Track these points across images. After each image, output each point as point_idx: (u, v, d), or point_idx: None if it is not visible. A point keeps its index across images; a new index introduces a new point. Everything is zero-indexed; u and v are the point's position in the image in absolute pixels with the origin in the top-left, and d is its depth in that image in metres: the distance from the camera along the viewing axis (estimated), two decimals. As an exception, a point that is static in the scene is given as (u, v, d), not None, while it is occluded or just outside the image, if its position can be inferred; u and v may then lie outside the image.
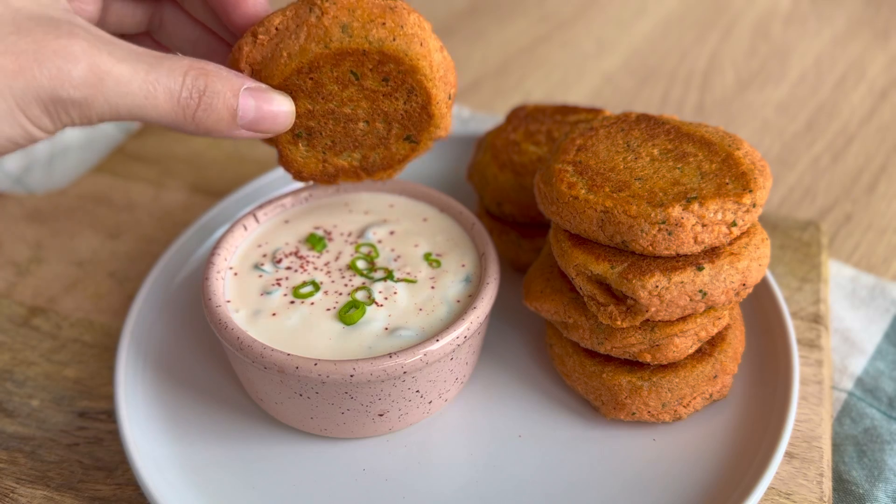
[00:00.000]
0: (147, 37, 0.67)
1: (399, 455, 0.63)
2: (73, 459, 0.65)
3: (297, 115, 0.60)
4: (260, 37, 0.58)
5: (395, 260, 0.66)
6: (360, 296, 0.63)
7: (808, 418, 0.65)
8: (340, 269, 0.65)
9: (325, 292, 0.63)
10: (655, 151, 0.61)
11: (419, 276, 0.64)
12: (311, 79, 0.58)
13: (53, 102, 0.47)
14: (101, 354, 0.75)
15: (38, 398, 0.71)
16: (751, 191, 0.56)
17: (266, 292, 0.63)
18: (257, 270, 0.66)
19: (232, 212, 0.82)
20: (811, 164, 0.97)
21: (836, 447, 0.66)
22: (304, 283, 0.64)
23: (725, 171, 0.58)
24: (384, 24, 0.56)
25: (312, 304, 0.62)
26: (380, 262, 0.66)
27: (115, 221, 0.89)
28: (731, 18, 1.27)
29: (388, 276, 0.64)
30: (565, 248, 0.60)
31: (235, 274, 0.66)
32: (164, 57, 0.52)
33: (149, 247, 0.86)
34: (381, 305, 0.62)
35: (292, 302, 0.62)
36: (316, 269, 0.65)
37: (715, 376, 0.62)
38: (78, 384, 0.72)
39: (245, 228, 0.69)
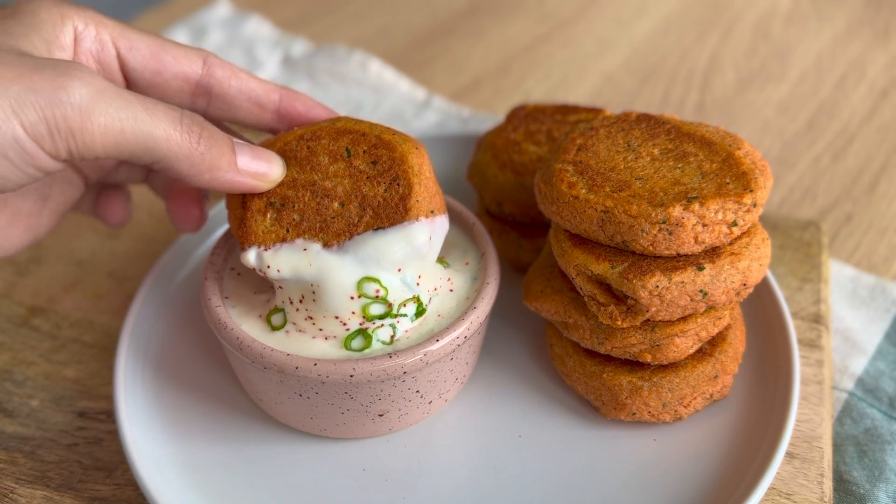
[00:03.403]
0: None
1: (399, 455, 0.63)
2: (72, 459, 0.65)
3: (281, 183, 0.60)
4: (280, 134, 0.63)
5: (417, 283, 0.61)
6: (382, 334, 0.59)
7: (808, 418, 0.65)
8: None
9: (321, 328, 0.60)
10: (656, 151, 0.61)
11: (440, 284, 0.63)
12: (308, 147, 0.61)
13: (51, 105, 0.46)
14: (101, 354, 0.75)
15: (38, 398, 0.71)
16: (751, 190, 0.56)
17: (259, 291, 0.64)
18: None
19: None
20: (811, 164, 0.97)
21: (837, 447, 0.66)
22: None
23: (726, 170, 0.58)
24: (389, 128, 0.63)
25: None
26: (398, 294, 0.59)
27: (115, 221, 0.89)
28: (731, 18, 1.27)
29: (419, 307, 0.60)
30: (565, 248, 0.60)
31: (238, 274, 0.66)
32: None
33: (148, 246, 0.86)
34: (399, 339, 0.59)
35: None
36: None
37: (715, 376, 0.62)
38: (77, 384, 0.72)
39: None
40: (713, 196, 0.55)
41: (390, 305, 0.59)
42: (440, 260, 0.65)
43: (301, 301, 0.59)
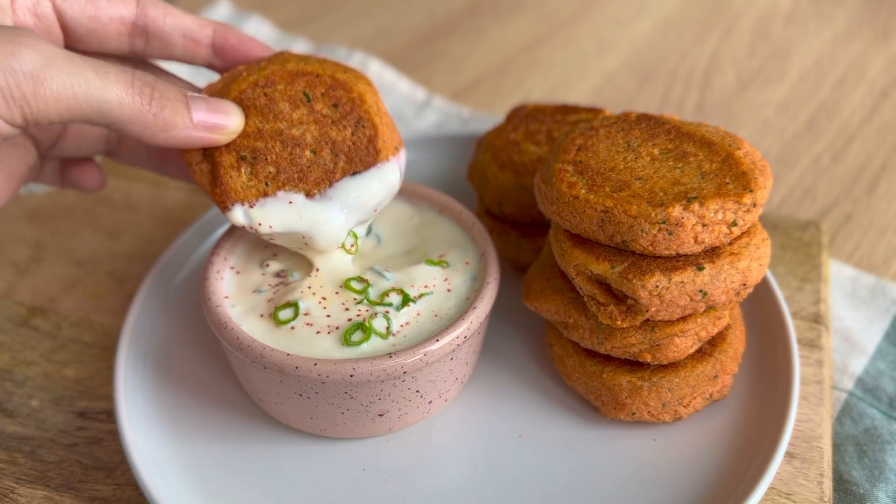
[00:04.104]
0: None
1: (399, 455, 0.63)
2: (72, 459, 0.65)
3: (246, 135, 0.60)
4: (224, 75, 0.63)
5: (403, 273, 0.64)
6: (377, 325, 0.60)
7: (808, 418, 0.65)
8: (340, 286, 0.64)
9: (328, 315, 0.61)
10: (656, 151, 0.61)
11: (435, 282, 0.63)
12: (265, 94, 0.61)
13: (3, 74, 0.47)
14: (101, 354, 0.75)
15: (38, 398, 0.71)
16: (751, 190, 0.56)
17: (259, 290, 0.64)
18: (260, 268, 0.66)
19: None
20: (811, 164, 0.97)
21: (837, 447, 0.66)
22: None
23: (726, 170, 0.58)
24: (337, 64, 0.64)
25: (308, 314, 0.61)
26: (386, 282, 0.63)
27: (115, 221, 0.89)
28: (731, 18, 1.27)
29: (405, 298, 0.61)
30: (565, 248, 0.60)
31: (238, 273, 0.66)
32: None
33: (148, 246, 0.86)
34: (397, 334, 0.60)
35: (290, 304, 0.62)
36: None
37: (715, 376, 0.62)
38: (77, 384, 0.72)
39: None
40: (713, 196, 0.55)
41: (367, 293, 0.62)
42: (439, 260, 0.65)
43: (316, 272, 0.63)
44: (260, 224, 0.60)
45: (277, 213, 0.60)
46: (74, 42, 0.61)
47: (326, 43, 1.21)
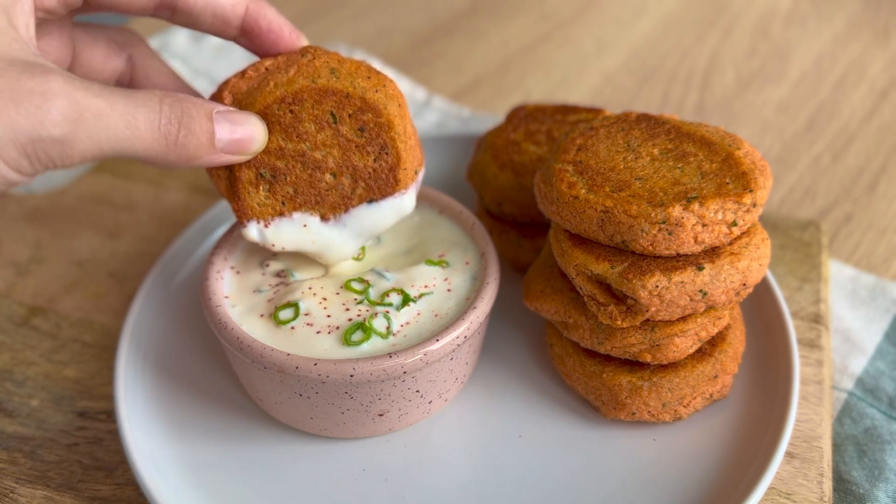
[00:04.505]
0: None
1: (399, 455, 0.63)
2: (72, 459, 0.65)
3: (268, 152, 0.59)
4: (249, 72, 0.61)
5: (403, 273, 0.64)
6: (377, 325, 0.60)
7: (808, 418, 0.65)
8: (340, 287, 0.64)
9: (329, 315, 0.61)
10: (656, 151, 0.61)
11: (435, 282, 0.63)
12: (291, 111, 0.59)
13: (32, 143, 0.46)
14: (101, 354, 0.75)
15: (38, 398, 0.71)
16: (751, 190, 0.56)
17: (260, 290, 0.64)
18: (261, 268, 0.66)
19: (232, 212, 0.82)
20: (811, 164, 0.97)
21: (837, 447, 0.66)
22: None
23: (726, 170, 0.58)
24: (369, 78, 0.60)
25: (309, 314, 0.61)
26: (386, 283, 0.63)
27: (115, 221, 0.89)
28: (731, 18, 1.27)
29: (405, 298, 0.62)
30: (565, 248, 0.60)
31: (238, 273, 0.66)
32: (137, 90, 0.52)
33: (148, 247, 0.86)
34: (397, 334, 0.60)
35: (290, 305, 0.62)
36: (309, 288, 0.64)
37: (715, 376, 0.62)
38: (78, 384, 0.72)
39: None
40: (713, 196, 0.55)
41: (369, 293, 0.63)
42: (439, 260, 0.65)
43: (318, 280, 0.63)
44: (273, 245, 0.61)
45: (291, 236, 0.61)
46: (95, 6, 0.59)
47: (326, 43, 1.21)
